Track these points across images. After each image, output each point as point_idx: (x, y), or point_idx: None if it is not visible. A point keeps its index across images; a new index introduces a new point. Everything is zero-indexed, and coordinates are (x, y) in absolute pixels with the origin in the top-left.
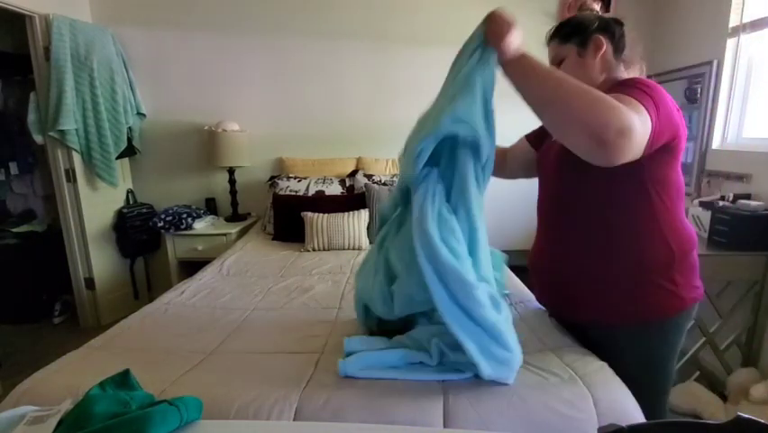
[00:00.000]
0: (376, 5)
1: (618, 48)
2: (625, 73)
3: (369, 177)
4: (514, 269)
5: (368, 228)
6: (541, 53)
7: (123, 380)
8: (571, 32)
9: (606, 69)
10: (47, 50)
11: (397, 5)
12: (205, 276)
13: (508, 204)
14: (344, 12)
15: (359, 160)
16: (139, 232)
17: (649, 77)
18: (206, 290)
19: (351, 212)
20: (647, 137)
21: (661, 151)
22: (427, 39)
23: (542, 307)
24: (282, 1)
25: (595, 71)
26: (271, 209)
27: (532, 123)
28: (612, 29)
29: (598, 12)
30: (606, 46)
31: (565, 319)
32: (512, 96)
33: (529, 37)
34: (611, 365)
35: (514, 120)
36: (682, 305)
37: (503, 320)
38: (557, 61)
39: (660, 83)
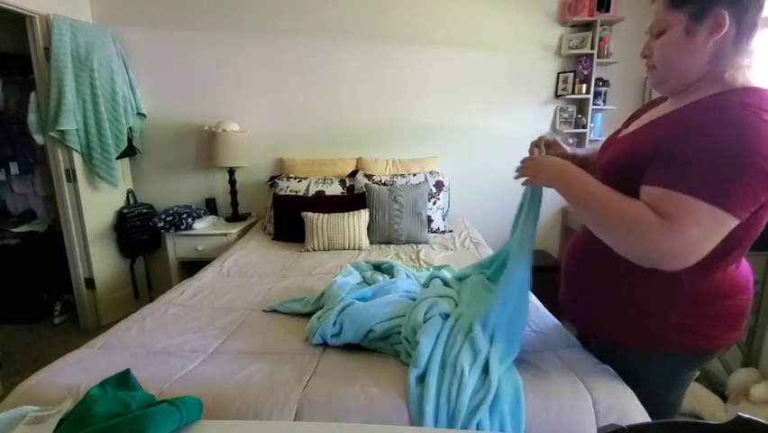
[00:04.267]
0: (376, 5)
1: (745, 32)
2: (740, 70)
3: (369, 177)
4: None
5: (368, 228)
6: (542, 54)
7: (124, 380)
8: None
9: (717, 58)
10: (47, 50)
11: (398, 5)
12: (205, 276)
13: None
14: (344, 12)
15: (359, 160)
16: (139, 232)
17: None
18: (207, 290)
19: (351, 212)
20: (724, 228)
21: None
22: (427, 39)
23: (543, 308)
24: (282, 1)
25: (701, 59)
26: (271, 209)
27: (534, 121)
28: (747, 3)
29: None
30: (728, 27)
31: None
32: (515, 94)
33: (529, 38)
34: None
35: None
36: (684, 347)
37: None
38: (658, 31)
39: None
